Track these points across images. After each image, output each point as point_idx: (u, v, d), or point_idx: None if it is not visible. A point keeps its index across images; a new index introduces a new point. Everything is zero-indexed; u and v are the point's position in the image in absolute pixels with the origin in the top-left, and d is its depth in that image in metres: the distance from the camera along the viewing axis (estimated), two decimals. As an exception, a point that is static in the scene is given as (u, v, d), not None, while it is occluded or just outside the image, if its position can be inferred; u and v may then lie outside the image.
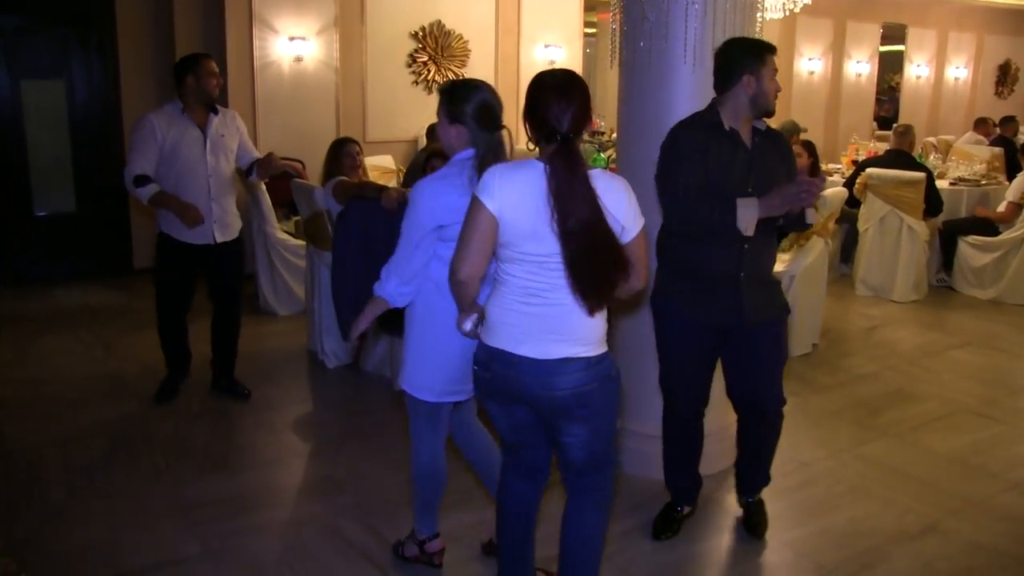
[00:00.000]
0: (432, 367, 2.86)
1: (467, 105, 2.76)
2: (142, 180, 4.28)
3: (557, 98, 2.36)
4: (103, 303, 6.81)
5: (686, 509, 3.53)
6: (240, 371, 5.06)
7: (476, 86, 2.80)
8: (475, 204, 2.40)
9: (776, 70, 3.03)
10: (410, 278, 2.79)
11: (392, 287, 2.81)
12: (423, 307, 2.84)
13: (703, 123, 3.06)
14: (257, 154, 4.83)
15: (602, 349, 2.51)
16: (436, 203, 2.68)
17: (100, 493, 3.72)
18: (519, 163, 2.42)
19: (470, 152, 2.76)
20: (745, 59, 2.99)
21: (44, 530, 3.41)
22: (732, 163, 2.99)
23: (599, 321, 2.48)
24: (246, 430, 4.45)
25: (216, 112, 4.56)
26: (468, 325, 2.57)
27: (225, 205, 4.64)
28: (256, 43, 7.46)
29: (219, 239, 4.61)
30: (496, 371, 2.49)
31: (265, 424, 4.52)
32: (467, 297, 2.51)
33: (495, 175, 2.39)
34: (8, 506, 3.58)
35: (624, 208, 2.39)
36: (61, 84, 7.38)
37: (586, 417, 2.49)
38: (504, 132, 2.81)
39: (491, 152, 2.74)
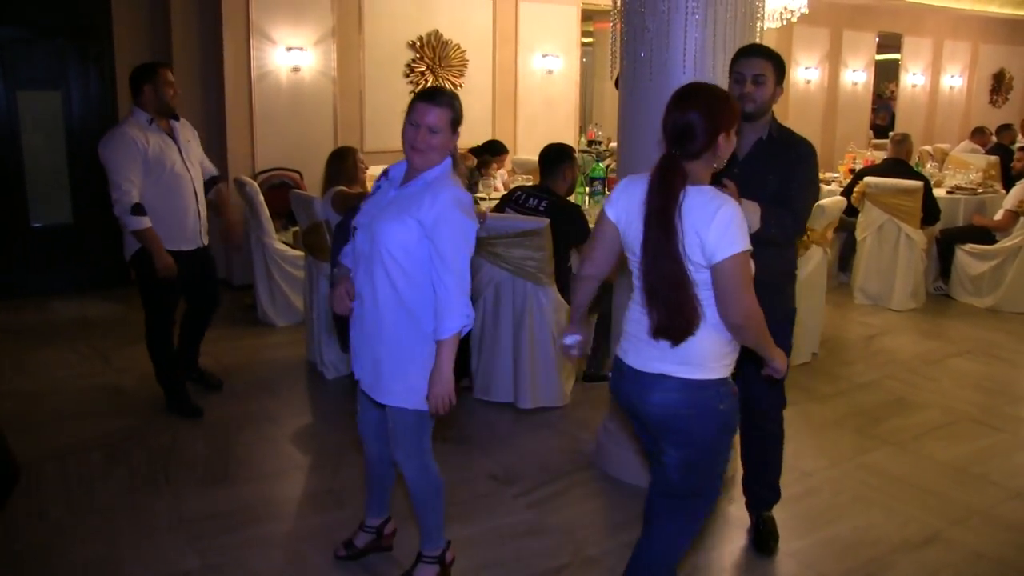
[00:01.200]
0: (425, 372, 2.74)
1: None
2: (139, 209, 4.29)
3: (671, 110, 2.33)
4: (101, 315, 6.78)
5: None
6: (239, 382, 5.04)
7: None
8: (602, 211, 2.53)
9: (740, 74, 3.04)
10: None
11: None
12: (408, 316, 2.74)
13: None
14: (211, 166, 4.97)
15: (708, 375, 2.38)
16: None
17: (100, 507, 3.70)
18: (643, 175, 2.42)
19: (449, 161, 2.82)
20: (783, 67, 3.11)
21: (44, 545, 3.39)
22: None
23: (706, 342, 2.35)
24: (246, 442, 4.42)
25: (177, 119, 4.61)
26: (569, 340, 2.66)
27: (204, 209, 4.74)
28: (253, 53, 7.45)
29: (204, 242, 4.76)
30: (614, 378, 2.57)
31: (265, 436, 4.50)
32: (581, 295, 2.64)
33: (619, 185, 2.54)
34: (7, 520, 3.55)
35: (710, 228, 2.25)
36: (58, 95, 7.36)
37: (680, 444, 2.41)
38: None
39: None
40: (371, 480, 3.24)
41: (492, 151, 7.70)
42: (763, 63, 3.03)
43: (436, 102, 2.76)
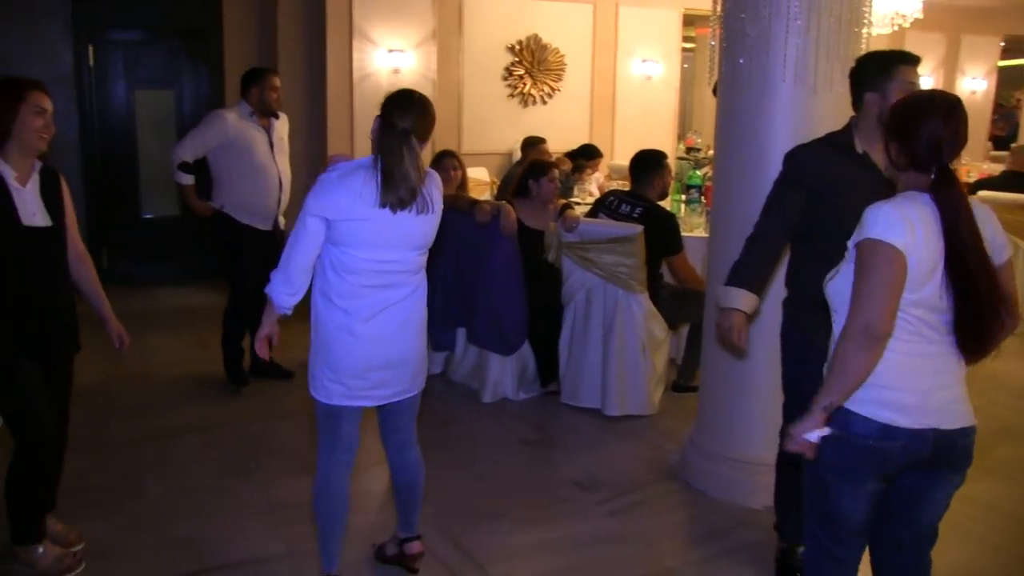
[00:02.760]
0: (323, 365, 2.84)
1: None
2: (186, 166, 4.91)
3: (940, 124, 2.14)
4: (202, 304, 7.02)
5: (801, 548, 3.32)
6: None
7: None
8: (879, 246, 2.04)
9: (912, 83, 2.74)
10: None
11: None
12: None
13: (830, 143, 2.89)
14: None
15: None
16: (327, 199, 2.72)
17: (192, 488, 3.82)
18: (904, 197, 2.13)
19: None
20: (869, 74, 2.78)
21: (139, 522, 3.52)
22: (857, 187, 2.68)
23: None
24: (334, 435, 4.49)
25: (277, 117, 5.12)
26: (814, 436, 2.11)
27: (284, 198, 5.18)
28: (355, 55, 7.59)
29: (281, 227, 5.19)
30: (885, 449, 2.13)
31: (352, 430, 4.57)
32: (855, 368, 2.06)
33: (890, 214, 2.06)
34: (109, 494, 3.72)
35: (992, 236, 2.17)
36: (171, 94, 7.70)
37: (963, 466, 2.25)
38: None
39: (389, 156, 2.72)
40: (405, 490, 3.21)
41: (587, 155, 7.67)
42: None
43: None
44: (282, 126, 5.19)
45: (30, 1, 7.20)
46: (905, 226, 2.04)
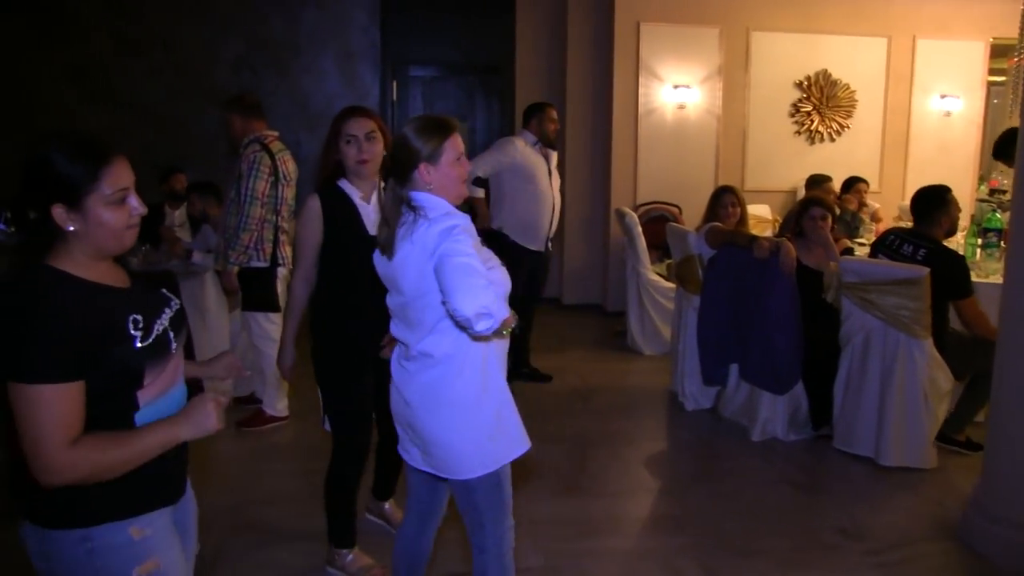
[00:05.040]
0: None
1: None
2: (478, 181, 5.46)
3: None
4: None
5: None
6: (600, 402, 5.30)
7: None
8: None
9: None
10: None
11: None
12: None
13: None
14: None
15: None
16: None
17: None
18: None
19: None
20: None
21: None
22: None
23: None
24: (599, 459, 4.64)
25: (554, 148, 5.70)
26: None
27: (555, 223, 5.72)
28: (641, 90, 7.79)
29: (549, 247, 5.72)
30: None
31: (619, 456, 4.69)
32: None
33: None
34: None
35: None
36: (464, 127, 8.31)
37: None
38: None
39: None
40: None
41: (844, 187, 7.21)
42: None
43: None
44: (555, 157, 5.73)
45: (348, 43, 8.11)
46: None
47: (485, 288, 2.24)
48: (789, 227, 5.36)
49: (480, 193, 5.68)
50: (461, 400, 2.42)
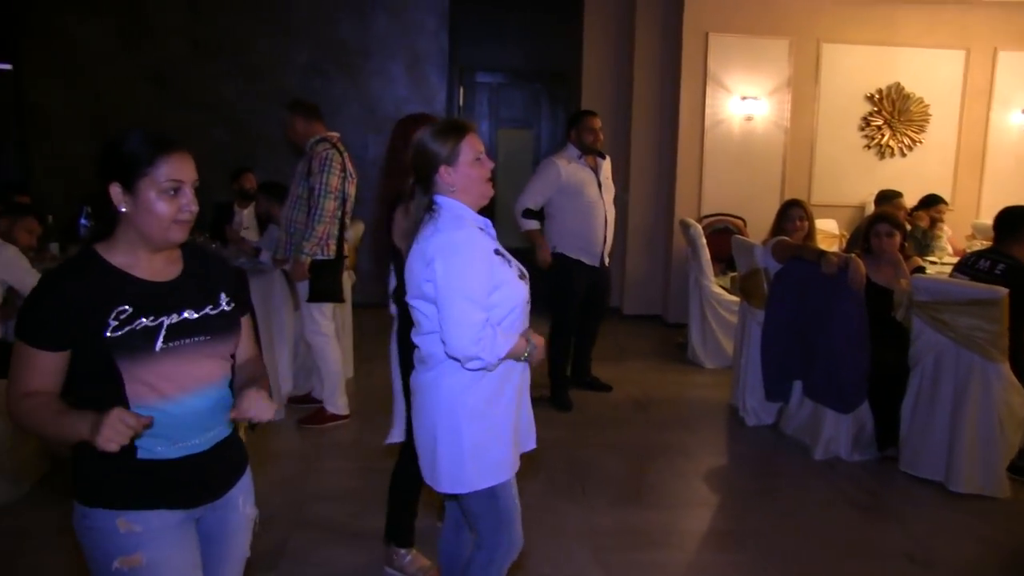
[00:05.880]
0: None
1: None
2: (529, 213, 5.36)
3: None
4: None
5: None
6: (659, 414, 5.27)
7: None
8: None
9: None
10: None
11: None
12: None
13: None
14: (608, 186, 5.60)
15: None
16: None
17: (523, 504, 4.07)
18: None
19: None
20: None
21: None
22: None
23: None
24: (659, 471, 4.60)
25: (604, 158, 5.51)
26: None
27: (610, 234, 5.54)
28: (708, 101, 7.72)
29: (605, 263, 5.55)
30: None
31: (678, 469, 4.65)
32: None
33: None
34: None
35: None
36: (529, 134, 8.31)
37: None
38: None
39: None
40: None
41: (926, 204, 7.04)
42: None
43: None
44: (607, 166, 5.54)
45: (417, 48, 8.19)
46: None
47: (478, 328, 2.26)
48: (857, 243, 5.27)
49: (534, 225, 5.48)
50: (448, 409, 2.40)
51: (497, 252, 2.41)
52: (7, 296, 4.23)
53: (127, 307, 1.83)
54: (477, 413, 2.39)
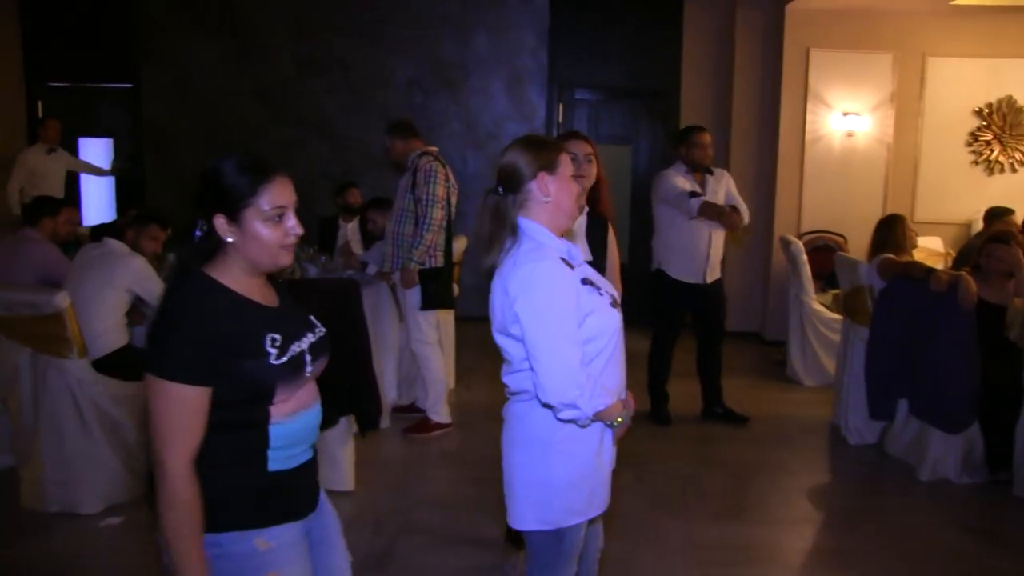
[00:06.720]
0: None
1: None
2: (693, 194, 5.23)
3: None
4: (642, 349, 7.42)
5: None
6: (760, 431, 5.24)
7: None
8: None
9: None
10: None
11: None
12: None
13: None
14: (737, 201, 5.45)
15: None
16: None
17: (623, 513, 4.06)
18: None
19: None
20: None
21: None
22: None
23: None
24: (760, 487, 4.57)
25: (711, 173, 5.42)
26: None
27: (716, 252, 5.43)
28: (809, 117, 7.64)
29: (708, 279, 5.41)
30: None
31: (779, 485, 4.61)
32: None
33: None
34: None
35: None
36: (628, 149, 8.35)
37: None
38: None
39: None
40: None
41: (996, 217, 6.77)
42: None
43: None
44: (716, 182, 5.42)
45: (517, 65, 8.33)
46: None
47: (576, 370, 2.13)
48: (969, 261, 5.16)
49: (700, 199, 5.26)
50: (537, 439, 2.28)
51: (585, 281, 2.26)
52: (134, 303, 4.45)
53: (276, 334, 1.85)
54: (566, 449, 2.27)
